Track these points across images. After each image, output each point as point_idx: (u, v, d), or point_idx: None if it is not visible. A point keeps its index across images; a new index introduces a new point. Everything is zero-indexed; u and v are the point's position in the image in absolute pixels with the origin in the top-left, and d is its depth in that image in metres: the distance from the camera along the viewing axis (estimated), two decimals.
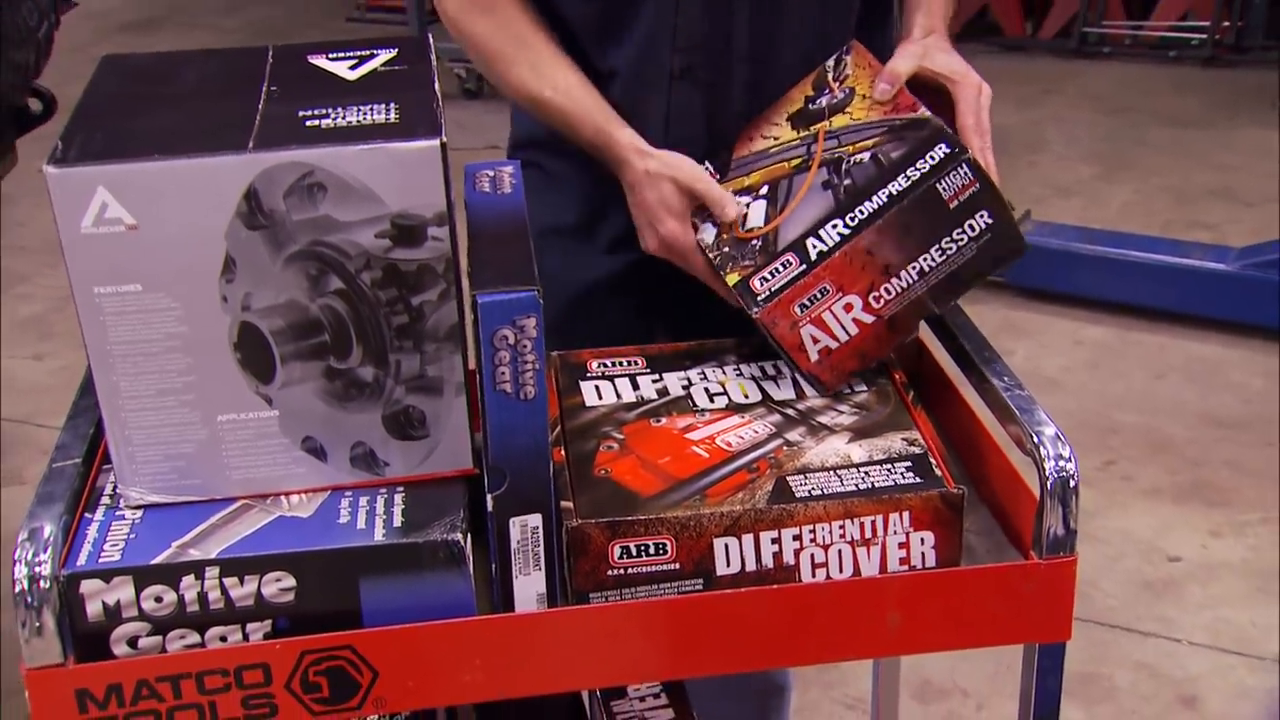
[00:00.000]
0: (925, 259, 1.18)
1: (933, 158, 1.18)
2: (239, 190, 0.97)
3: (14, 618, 0.97)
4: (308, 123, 1.01)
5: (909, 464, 1.11)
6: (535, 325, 0.99)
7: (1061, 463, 1.07)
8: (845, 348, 1.21)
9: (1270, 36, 5.19)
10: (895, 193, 1.18)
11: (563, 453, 1.14)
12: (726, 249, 1.27)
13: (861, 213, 1.18)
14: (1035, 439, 1.08)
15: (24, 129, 2.41)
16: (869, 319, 1.20)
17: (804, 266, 1.19)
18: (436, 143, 0.98)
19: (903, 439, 1.15)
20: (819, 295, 1.19)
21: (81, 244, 0.98)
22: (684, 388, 1.24)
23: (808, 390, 1.23)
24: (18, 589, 0.97)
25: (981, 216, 1.17)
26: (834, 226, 1.19)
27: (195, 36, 5.82)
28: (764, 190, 1.28)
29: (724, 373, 1.26)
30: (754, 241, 1.24)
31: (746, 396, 1.22)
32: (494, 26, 1.38)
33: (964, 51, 1.30)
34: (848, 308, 1.19)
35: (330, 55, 1.12)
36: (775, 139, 1.32)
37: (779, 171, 1.29)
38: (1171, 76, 5.15)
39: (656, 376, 1.25)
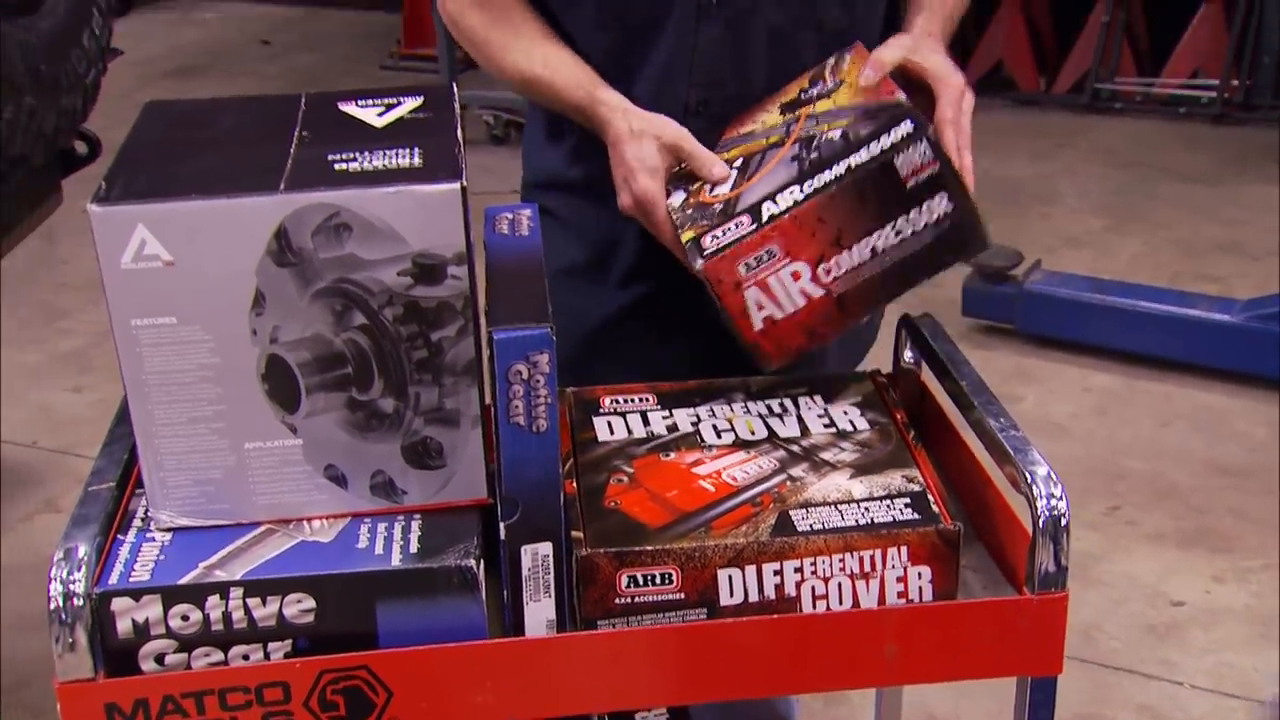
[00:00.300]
0: (879, 236, 1.15)
1: (895, 134, 1.15)
2: (270, 229, 1.00)
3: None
4: (336, 166, 1.03)
5: (908, 501, 1.13)
6: (548, 361, 1.01)
7: (1053, 501, 1.08)
8: (791, 320, 1.18)
9: (1278, 96, 5.20)
10: (854, 165, 1.15)
11: (574, 485, 1.16)
12: (690, 211, 1.25)
13: (818, 180, 1.16)
14: (1028, 478, 1.10)
15: (70, 170, 2.46)
16: (818, 292, 1.17)
17: (754, 226, 1.16)
18: (457, 186, 1.01)
19: (903, 476, 1.16)
20: (766, 257, 1.15)
21: (121, 279, 1.00)
22: (693, 424, 1.25)
23: (812, 428, 1.24)
24: (53, 605, 0.99)
25: (941, 200, 1.14)
26: (790, 191, 1.17)
27: (236, 83, 5.89)
28: (738, 163, 1.27)
29: (732, 410, 1.27)
30: (716, 205, 1.23)
31: (753, 433, 1.24)
32: (489, 18, 1.42)
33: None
34: (795, 276, 1.16)
35: (360, 102, 1.15)
36: (762, 123, 1.32)
37: (755, 148, 1.28)
38: (1181, 133, 5.16)
39: (667, 413, 1.27)
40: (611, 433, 1.24)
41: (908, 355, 1.35)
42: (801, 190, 1.16)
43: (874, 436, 1.23)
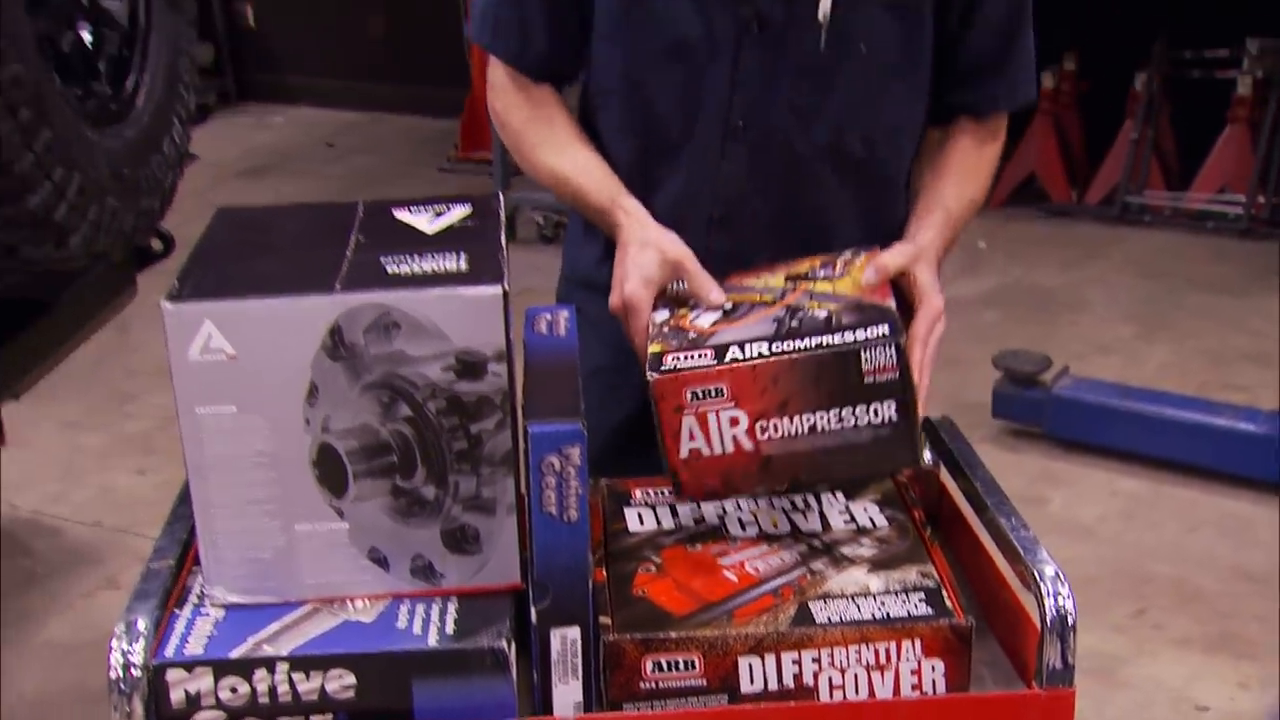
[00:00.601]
0: (823, 416, 1.16)
1: (871, 331, 1.17)
2: (325, 326, 1.05)
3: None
4: (388, 269, 1.08)
5: (923, 596, 1.14)
6: (579, 454, 1.04)
7: (1060, 599, 1.09)
8: (714, 461, 1.18)
9: None
10: (824, 343, 1.17)
11: (604, 572, 1.18)
12: (666, 330, 1.28)
13: (788, 345, 1.18)
14: (1037, 576, 1.11)
15: (145, 265, 2.54)
16: (748, 445, 1.17)
17: (714, 361, 1.18)
18: (499, 289, 1.06)
19: (918, 572, 1.18)
20: (713, 393, 1.16)
21: (188, 369, 1.05)
22: (719, 517, 1.28)
23: (833, 523, 1.27)
24: (113, 675, 1.03)
25: (889, 406, 1.15)
26: (758, 344, 1.19)
27: (302, 184, 6.02)
28: (727, 306, 1.30)
29: (756, 504, 1.30)
30: (690, 333, 1.25)
31: (776, 527, 1.26)
32: (529, 118, 1.49)
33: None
34: (733, 422, 1.17)
35: (412, 209, 1.20)
36: (765, 282, 1.35)
37: (748, 299, 1.31)
38: (1209, 246, 5.17)
39: (694, 506, 1.30)
40: (642, 523, 1.27)
41: (927, 456, 1.38)
42: (769, 347, 1.18)
43: (892, 533, 1.25)
